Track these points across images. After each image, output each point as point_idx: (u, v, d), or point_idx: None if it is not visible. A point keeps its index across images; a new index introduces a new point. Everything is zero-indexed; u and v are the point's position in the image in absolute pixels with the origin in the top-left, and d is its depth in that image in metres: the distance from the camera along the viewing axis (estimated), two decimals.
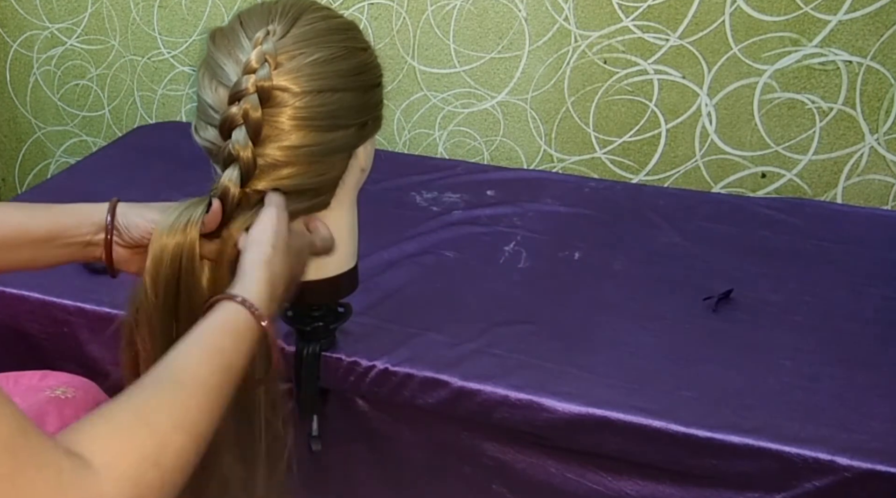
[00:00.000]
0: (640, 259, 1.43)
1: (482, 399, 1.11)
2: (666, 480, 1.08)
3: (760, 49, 1.68)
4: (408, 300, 1.30)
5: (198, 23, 2.07)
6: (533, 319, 1.26)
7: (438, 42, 1.89)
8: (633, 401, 1.08)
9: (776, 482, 1.02)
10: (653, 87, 1.77)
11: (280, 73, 0.79)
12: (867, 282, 1.36)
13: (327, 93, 0.81)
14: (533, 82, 1.85)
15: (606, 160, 1.87)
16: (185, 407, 0.59)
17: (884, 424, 1.05)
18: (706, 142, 1.78)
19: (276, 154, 0.81)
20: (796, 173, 1.75)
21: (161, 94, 2.18)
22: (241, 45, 0.81)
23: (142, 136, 1.99)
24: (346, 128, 0.85)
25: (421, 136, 1.99)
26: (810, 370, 1.15)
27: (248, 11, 0.86)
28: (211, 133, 0.83)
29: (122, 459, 0.51)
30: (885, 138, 1.68)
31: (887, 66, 1.62)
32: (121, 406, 0.56)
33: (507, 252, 1.46)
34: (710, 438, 1.03)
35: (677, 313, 1.27)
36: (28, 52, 2.25)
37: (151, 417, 0.56)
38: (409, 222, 1.55)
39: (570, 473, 1.12)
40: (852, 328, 1.24)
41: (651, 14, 1.72)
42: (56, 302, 1.29)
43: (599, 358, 1.17)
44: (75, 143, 2.33)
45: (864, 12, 1.60)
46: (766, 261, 1.43)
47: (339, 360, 1.16)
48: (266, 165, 0.81)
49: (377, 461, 1.22)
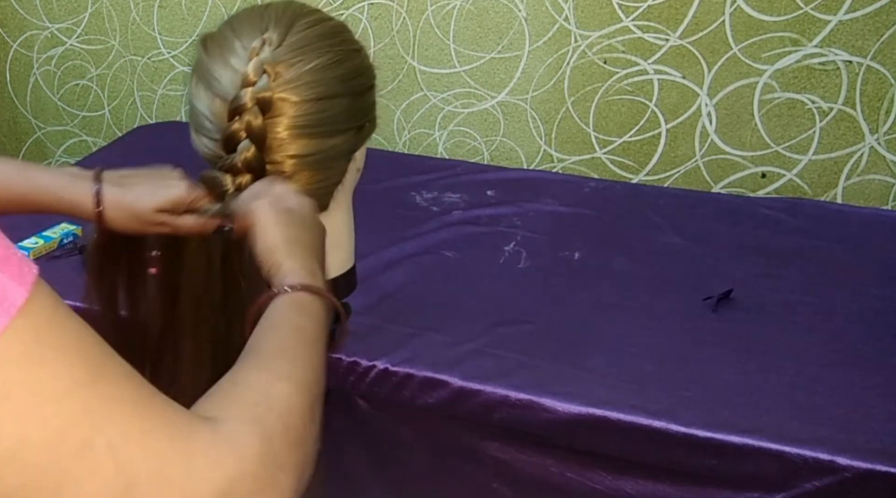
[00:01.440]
0: (640, 259, 1.43)
1: (482, 399, 1.11)
2: (666, 480, 1.08)
3: (760, 49, 1.68)
4: (408, 300, 1.30)
5: (198, 23, 2.07)
6: (533, 319, 1.26)
7: (438, 42, 1.89)
8: (633, 401, 1.08)
9: (776, 482, 1.02)
10: (653, 87, 1.77)
11: (279, 83, 0.79)
12: (867, 282, 1.36)
13: (326, 100, 0.81)
14: (533, 82, 1.85)
15: (606, 160, 1.87)
16: (269, 359, 0.59)
17: (884, 424, 1.04)
18: (706, 142, 1.78)
19: (280, 164, 0.81)
20: (796, 173, 1.75)
21: (161, 94, 2.18)
22: (235, 53, 0.80)
23: (142, 136, 1.99)
24: (345, 132, 0.85)
25: (421, 136, 1.99)
26: (810, 370, 1.14)
27: (238, 17, 0.85)
28: (209, 144, 0.82)
29: (234, 409, 0.51)
30: (885, 138, 1.68)
31: (887, 66, 1.62)
32: (216, 386, 0.56)
33: (507, 252, 1.46)
34: (710, 438, 1.03)
35: (677, 313, 1.27)
36: (28, 52, 2.25)
37: (241, 377, 0.56)
38: (409, 222, 1.55)
39: (571, 472, 1.12)
40: (852, 328, 1.24)
41: (651, 14, 1.72)
42: None
43: (599, 358, 1.17)
44: (75, 143, 2.33)
45: (864, 12, 1.60)
46: (766, 261, 1.43)
47: (339, 360, 1.16)
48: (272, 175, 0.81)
49: (377, 461, 1.22)
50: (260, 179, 0.80)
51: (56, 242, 1.42)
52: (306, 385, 0.58)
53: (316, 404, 0.59)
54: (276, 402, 0.54)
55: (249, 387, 0.55)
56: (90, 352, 0.44)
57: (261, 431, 0.50)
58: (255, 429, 0.50)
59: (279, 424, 0.52)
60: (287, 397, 0.55)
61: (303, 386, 0.58)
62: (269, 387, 0.55)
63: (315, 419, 0.58)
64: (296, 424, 0.54)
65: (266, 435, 0.50)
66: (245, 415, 0.51)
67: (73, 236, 1.44)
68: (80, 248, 1.40)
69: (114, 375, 0.45)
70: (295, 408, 0.55)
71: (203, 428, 0.47)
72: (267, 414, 0.52)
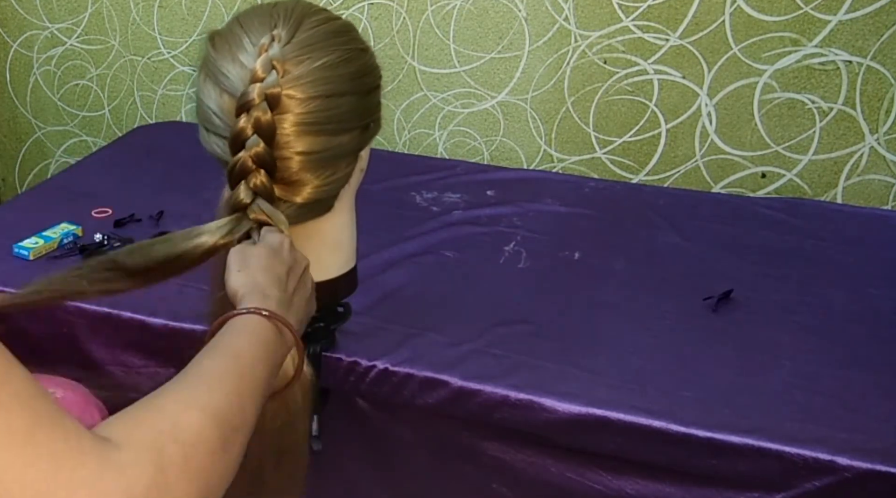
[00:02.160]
0: (640, 259, 1.43)
1: (482, 399, 1.11)
2: (666, 480, 1.08)
3: (760, 49, 1.68)
4: (408, 300, 1.30)
5: (198, 23, 2.07)
6: (533, 319, 1.26)
7: (438, 42, 1.89)
8: (633, 401, 1.08)
9: (776, 482, 1.02)
10: (653, 87, 1.77)
11: (287, 80, 0.79)
12: (867, 282, 1.36)
13: (333, 97, 0.81)
14: (533, 82, 1.85)
15: (606, 160, 1.86)
16: (191, 387, 0.59)
17: (884, 424, 1.04)
18: (706, 142, 1.78)
19: (287, 160, 0.80)
20: (796, 173, 1.75)
21: (161, 94, 2.18)
22: (244, 50, 0.80)
23: (142, 136, 1.99)
24: (351, 131, 0.85)
25: (421, 136, 1.99)
26: (810, 370, 1.14)
27: (247, 14, 0.85)
28: (219, 142, 0.82)
29: (138, 433, 0.51)
30: (885, 138, 1.68)
31: (887, 66, 1.62)
32: (134, 404, 0.56)
33: (507, 252, 1.45)
34: (710, 438, 1.03)
35: (677, 313, 1.27)
36: (28, 52, 2.24)
37: (158, 401, 0.56)
38: (409, 222, 1.55)
39: (571, 472, 1.12)
40: (852, 328, 1.24)
41: (651, 14, 1.72)
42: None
43: (599, 358, 1.17)
44: (75, 143, 2.33)
45: (864, 12, 1.60)
46: (766, 261, 1.43)
47: (339, 360, 1.16)
48: (283, 180, 0.81)
49: (377, 461, 1.22)
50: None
51: (56, 242, 1.42)
52: (222, 417, 0.58)
53: (232, 436, 0.58)
54: (181, 432, 0.53)
55: (160, 412, 0.55)
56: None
57: (156, 460, 0.49)
58: (151, 457, 0.49)
59: (179, 454, 0.51)
60: (195, 428, 0.55)
61: (217, 417, 0.57)
62: (179, 415, 0.55)
63: (228, 450, 0.57)
64: (199, 456, 0.53)
65: (161, 464, 0.50)
66: (146, 442, 0.51)
67: (73, 236, 1.44)
68: (81, 248, 1.40)
69: (6, 402, 0.44)
70: (202, 439, 0.54)
71: (93, 456, 0.47)
72: (168, 444, 0.51)
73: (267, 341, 0.69)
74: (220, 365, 0.63)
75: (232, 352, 0.65)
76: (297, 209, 0.84)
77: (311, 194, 0.83)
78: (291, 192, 0.83)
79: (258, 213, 0.80)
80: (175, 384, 0.59)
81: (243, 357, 0.65)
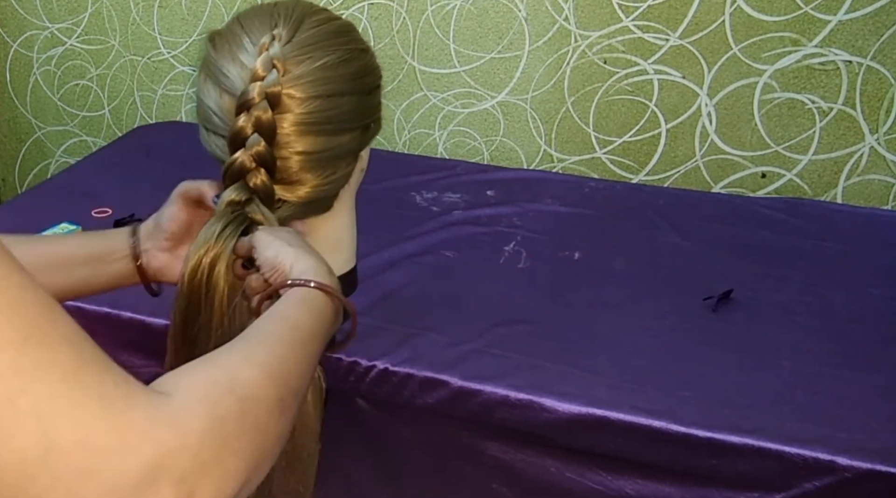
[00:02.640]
0: (640, 259, 1.43)
1: (482, 399, 1.11)
2: (666, 480, 1.08)
3: (760, 49, 1.68)
4: (408, 300, 1.30)
5: (198, 23, 2.07)
6: (533, 319, 1.26)
7: (438, 42, 1.89)
8: (633, 401, 1.08)
9: (776, 482, 1.02)
10: (653, 87, 1.77)
11: (288, 79, 0.79)
12: (867, 282, 1.36)
13: (334, 97, 0.81)
14: (533, 82, 1.85)
15: (606, 160, 1.87)
16: (249, 346, 0.59)
17: (884, 424, 1.04)
18: (706, 142, 1.78)
19: (287, 160, 0.80)
20: (796, 173, 1.75)
21: (161, 94, 2.18)
22: (244, 49, 0.80)
23: (142, 136, 1.99)
24: (351, 131, 0.85)
25: (421, 136, 1.99)
26: (810, 370, 1.15)
27: (247, 14, 0.85)
28: (220, 142, 0.82)
29: (192, 384, 0.50)
30: (885, 138, 1.68)
31: (887, 66, 1.62)
32: (187, 363, 0.56)
33: (507, 252, 1.46)
34: (710, 438, 1.03)
35: (677, 313, 1.27)
36: (28, 52, 2.25)
37: (217, 358, 0.56)
38: (409, 222, 1.55)
39: (570, 472, 1.12)
40: (852, 328, 1.24)
41: (651, 14, 1.72)
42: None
43: (599, 358, 1.17)
44: (75, 143, 2.33)
45: (864, 12, 1.60)
46: (766, 261, 1.43)
47: (339, 360, 1.16)
48: (282, 179, 0.81)
49: (377, 461, 1.22)
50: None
51: None
52: (281, 378, 0.57)
53: (289, 399, 0.57)
54: (238, 385, 0.52)
55: (218, 366, 0.54)
56: (28, 312, 0.42)
57: (211, 411, 0.48)
58: (206, 408, 0.48)
59: (235, 407, 0.50)
60: (253, 384, 0.53)
61: (276, 377, 0.56)
62: (237, 370, 0.54)
63: (284, 413, 0.56)
64: (256, 412, 0.52)
65: (216, 415, 0.48)
66: (200, 392, 0.49)
67: None
68: None
69: (50, 338, 0.43)
70: (260, 396, 0.53)
71: (143, 401, 0.45)
72: (224, 395, 0.50)
73: (325, 318, 0.69)
74: (278, 330, 0.63)
75: (292, 322, 0.65)
76: (296, 209, 0.84)
77: (310, 194, 0.84)
78: (291, 192, 0.83)
79: (255, 213, 0.80)
80: (232, 344, 0.59)
81: (302, 328, 0.65)
